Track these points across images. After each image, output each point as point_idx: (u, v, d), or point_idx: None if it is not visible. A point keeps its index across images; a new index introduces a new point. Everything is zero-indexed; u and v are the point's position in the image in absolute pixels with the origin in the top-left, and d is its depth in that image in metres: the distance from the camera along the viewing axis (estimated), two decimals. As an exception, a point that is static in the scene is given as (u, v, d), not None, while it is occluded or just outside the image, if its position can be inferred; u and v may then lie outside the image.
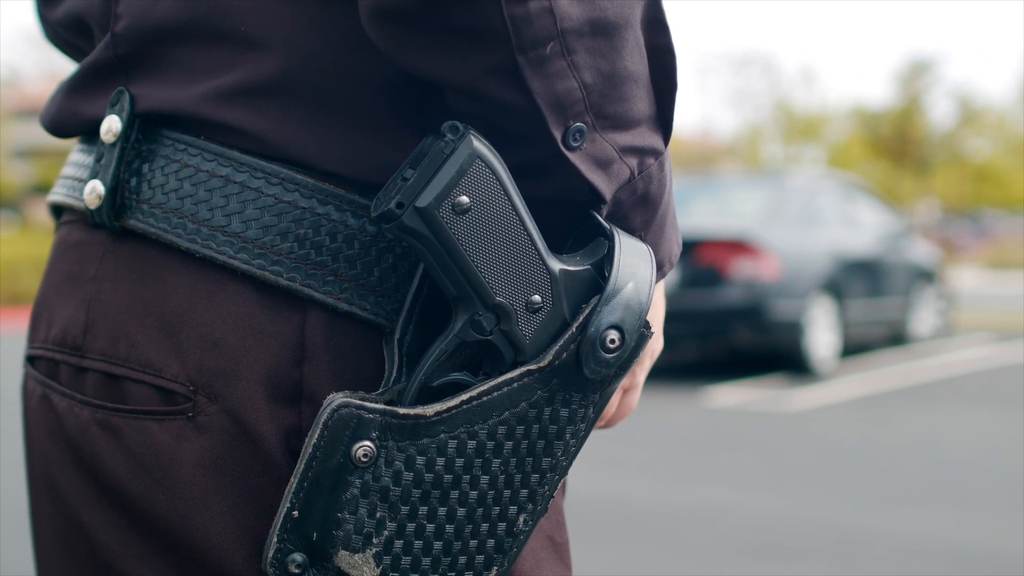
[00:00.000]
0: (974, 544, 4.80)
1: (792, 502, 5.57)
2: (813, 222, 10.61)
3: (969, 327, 14.72)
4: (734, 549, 4.72)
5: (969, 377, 10.34)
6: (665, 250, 0.88)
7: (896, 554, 4.68)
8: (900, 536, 4.94)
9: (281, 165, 0.79)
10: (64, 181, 0.91)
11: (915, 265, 12.45)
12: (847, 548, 4.75)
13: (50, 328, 0.88)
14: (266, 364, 0.78)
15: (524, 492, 0.79)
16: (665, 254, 0.88)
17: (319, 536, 0.76)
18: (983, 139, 45.39)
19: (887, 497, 5.68)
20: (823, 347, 10.17)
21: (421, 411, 0.76)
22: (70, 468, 0.84)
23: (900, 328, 12.38)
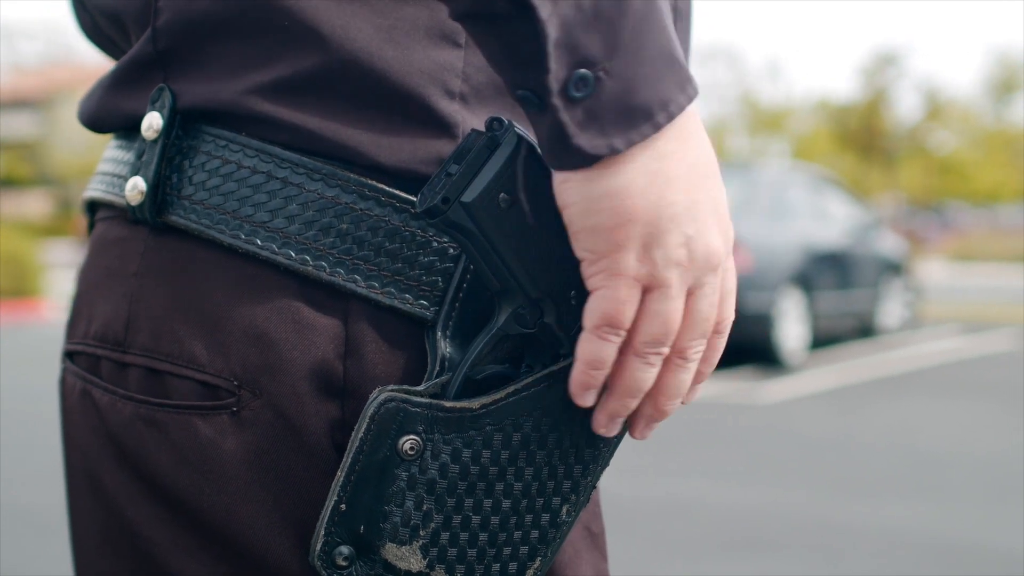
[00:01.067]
0: (951, 535, 4.84)
1: (768, 495, 5.58)
2: (783, 215, 10.66)
3: (936, 319, 14.83)
4: (711, 543, 4.73)
5: (938, 369, 10.42)
6: (649, 93, 0.69)
7: (874, 545, 4.70)
8: (877, 528, 4.96)
9: (323, 161, 0.79)
10: (103, 177, 0.91)
11: (883, 257, 12.55)
12: (824, 540, 4.77)
13: (90, 324, 0.88)
14: (310, 358, 0.78)
15: (567, 483, 0.80)
16: (653, 98, 0.69)
17: (366, 528, 0.76)
18: (948, 132, 45.75)
19: (863, 489, 5.71)
20: (793, 339, 10.23)
21: (467, 404, 0.76)
22: (113, 463, 0.84)
23: (868, 320, 12.48)
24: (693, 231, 0.71)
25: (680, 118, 0.70)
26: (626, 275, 0.71)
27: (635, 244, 0.70)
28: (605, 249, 0.71)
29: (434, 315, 0.79)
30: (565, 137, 0.68)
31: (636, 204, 0.69)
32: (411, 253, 0.79)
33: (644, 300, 0.72)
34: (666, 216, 0.70)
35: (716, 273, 0.73)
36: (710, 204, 0.72)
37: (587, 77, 0.67)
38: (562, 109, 0.68)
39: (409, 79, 0.79)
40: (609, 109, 0.68)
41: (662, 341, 0.74)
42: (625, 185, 0.69)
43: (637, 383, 0.75)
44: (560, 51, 0.67)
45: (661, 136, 0.70)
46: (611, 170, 0.69)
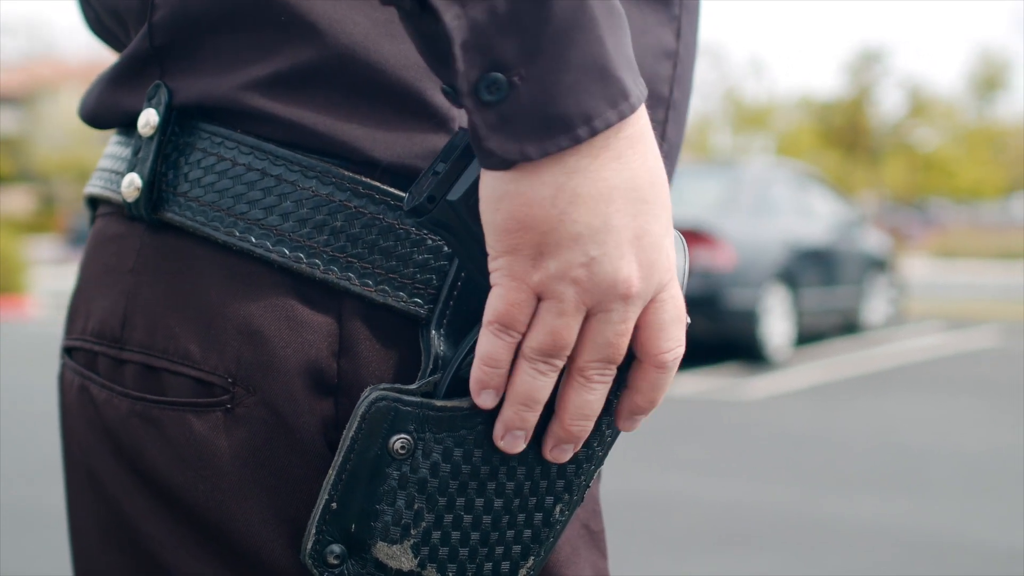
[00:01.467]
0: (934, 530, 4.86)
1: (752, 490, 5.60)
2: (767, 211, 10.69)
3: (920, 315, 14.88)
4: (695, 538, 4.74)
5: (922, 365, 10.46)
6: (570, 104, 0.66)
7: (857, 541, 4.72)
8: (860, 523, 4.99)
9: (318, 158, 0.79)
10: (101, 173, 0.91)
11: (867, 254, 12.59)
12: (808, 535, 4.79)
13: (88, 320, 0.88)
14: (304, 356, 0.79)
15: (560, 482, 0.80)
16: (574, 110, 0.66)
17: (357, 527, 0.76)
18: (931, 129, 45.86)
19: (846, 484, 5.73)
20: (778, 336, 10.26)
21: (458, 403, 0.76)
22: (110, 458, 0.85)
23: (853, 317, 12.52)
24: (598, 253, 0.68)
25: (611, 137, 0.68)
26: (519, 279, 0.70)
27: (528, 250, 0.69)
28: (501, 249, 0.70)
29: (428, 313, 0.79)
30: (477, 138, 0.67)
31: (534, 213, 0.68)
32: (405, 251, 0.79)
33: (539, 308, 0.71)
34: (566, 232, 0.68)
35: (627, 302, 0.71)
36: (631, 231, 0.69)
37: (499, 81, 0.66)
38: (473, 110, 0.67)
39: (405, 73, 0.79)
40: (524, 115, 0.66)
41: (550, 352, 0.72)
42: (525, 191, 0.68)
43: (528, 391, 0.74)
44: (470, 53, 0.66)
45: (578, 151, 0.67)
46: (519, 175, 0.68)
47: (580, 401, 0.75)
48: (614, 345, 0.72)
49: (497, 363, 0.73)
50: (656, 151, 0.71)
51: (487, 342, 0.73)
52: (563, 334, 0.71)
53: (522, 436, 0.76)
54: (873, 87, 41.92)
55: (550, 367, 0.73)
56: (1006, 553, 4.53)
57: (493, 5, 0.65)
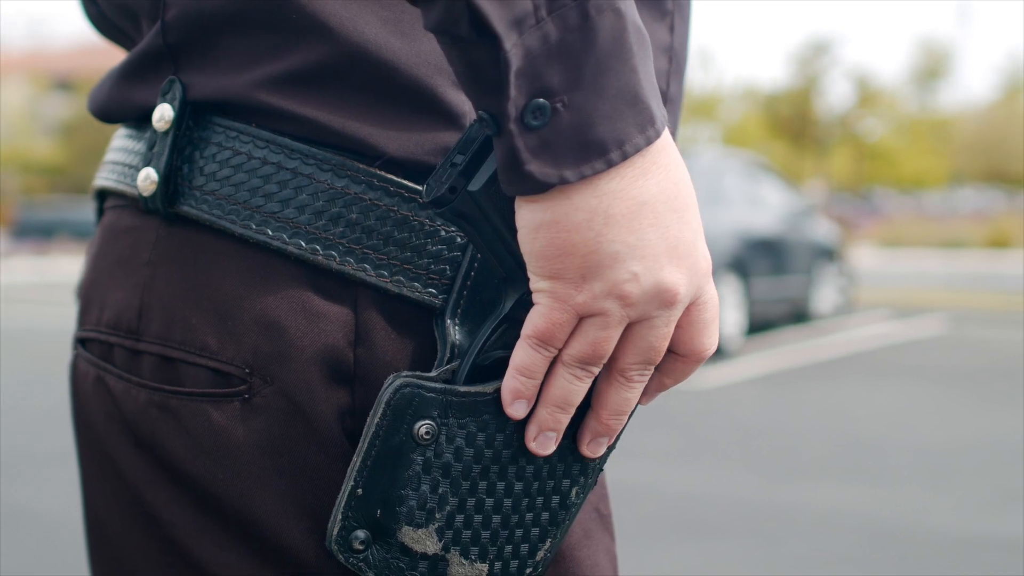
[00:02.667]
0: (892, 517, 4.92)
1: (710, 479, 5.64)
2: (718, 201, 10.76)
3: (869, 304, 15.04)
4: (652, 527, 4.77)
5: (872, 353, 10.58)
6: (606, 130, 0.69)
7: (816, 528, 4.77)
8: (817, 510, 5.04)
9: (333, 151, 0.80)
10: (113, 167, 0.92)
11: (817, 244, 12.71)
12: (764, 523, 4.83)
13: (103, 311, 0.89)
14: (320, 346, 0.80)
15: (577, 466, 0.82)
16: (609, 136, 0.69)
17: (383, 512, 0.78)
18: (875, 119, 46.33)
19: (803, 472, 5.79)
20: (729, 325, 10.33)
21: (481, 389, 0.78)
22: (130, 448, 0.86)
23: (803, 306, 12.63)
24: (640, 268, 0.71)
25: (637, 158, 0.71)
26: (564, 301, 0.73)
27: (573, 275, 0.72)
28: (544, 274, 0.72)
29: (443, 303, 0.80)
30: (518, 163, 0.69)
31: (571, 238, 0.70)
32: (419, 242, 0.80)
33: (581, 322, 0.74)
34: (605, 253, 0.71)
35: (671, 308, 0.74)
36: (664, 242, 0.72)
37: (544, 107, 0.68)
38: (517, 135, 0.69)
39: (417, 70, 0.80)
40: (563, 140, 0.69)
41: (590, 361, 0.75)
42: (561, 219, 0.70)
43: (564, 395, 0.77)
44: (521, 80, 0.68)
45: (608, 174, 0.70)
46: (552, 202, 0.70)
47: (619, 399, 0.78)
48: (656, 349, 0.75)
49: (532, 374, 0.76)
50: (678, 160, 0.74)
51: (524, 354, 0.75)
52: (604, 345, 0.74)
53: (554, 437, 0.79)
54: (821, 77, 42.30)
55: (586, 373, 0.76)
56: (965, 539, 4.59)
57: (546, 34, 0.68)
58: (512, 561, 0.81)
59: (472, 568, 0.80)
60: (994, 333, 11.90)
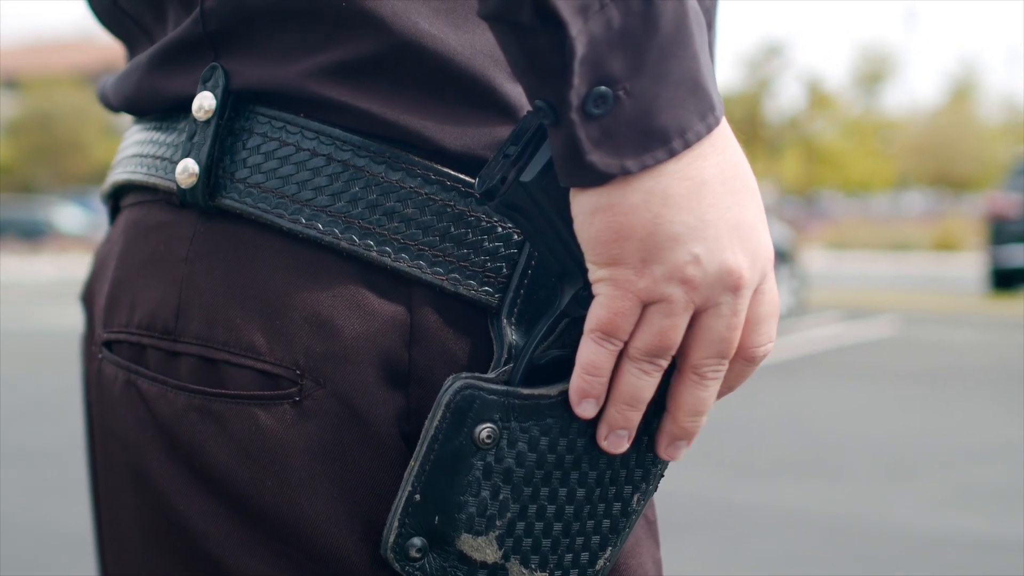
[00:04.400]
0: (852, 515, 4.96)
1: (671, 477, 5.61)
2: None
3: (820, 305, 15.15)
4: (622, 526, 4.76)
5: (826, 354, 10.65)
6: (668, 118, 0.67)
7: (777, 527, 4.80)
8: (780, 509, 5.07)
9: (387, 144, 0.77)
10: (141, 160, 0.87)
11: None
12: (729, 522, 4.86)
13: (132, 311, 0.84)
14: (376, 346, 0.77)
15: (639, 471, 0.79)
16: (671, 124, 0.67)
17: (441, 519, 0.75)
18: (823, 122, 46.70)
19: (761, 470, 5.82)
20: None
21: (545, 391, 0.75)
22: (162, 455, 0.81)
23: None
24: (701, 250, 0.69)
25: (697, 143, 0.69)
26: (625, 288, 0.70)
27: (631, 259, 0.69)
28: (603, 261, 0.70)
29: (499, 302, 0.78)
30: (579, 153, 0.67)
31: (629, 221, 0.68)
32: (476, 239, 0.77)
33: (645, 311, 0.71)
34: (664, 235, 0.68)
35: (737, 294, 0.71)
36: (727, 223, 0.70)
37: (607, 95, 0.66)
38: (579, 124, 0.67)
39: (473, 61, 0.77)
40: (626, 129, 0.67)
41: (657, 353, 0.72)
42: (617, 201, 0.68)
43: (633, 391, 0.74)
44: (584, 67, 0.66)
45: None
46: (608, 186, 0.68)
47: (694, 399, 0.75)
48: (727, 340, 0.72)
49: (599, 371, 0.73)
50: (736, 143, 0.72)
51: (589, 351, 0.73)
52: (671, 335, 0.71)
53: (625, 435, 0.76)
54: (772, 80, 42.58)
55: (655, 367, 0.73)
56: (926, 537, 4.63)
57: (609, 19, 0.66)
58: (572, 570, 0.79)
59: None
60: (945, 334, 12.01)
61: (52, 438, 6.40)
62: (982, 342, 11.35)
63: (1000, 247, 16.28)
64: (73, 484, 5.17)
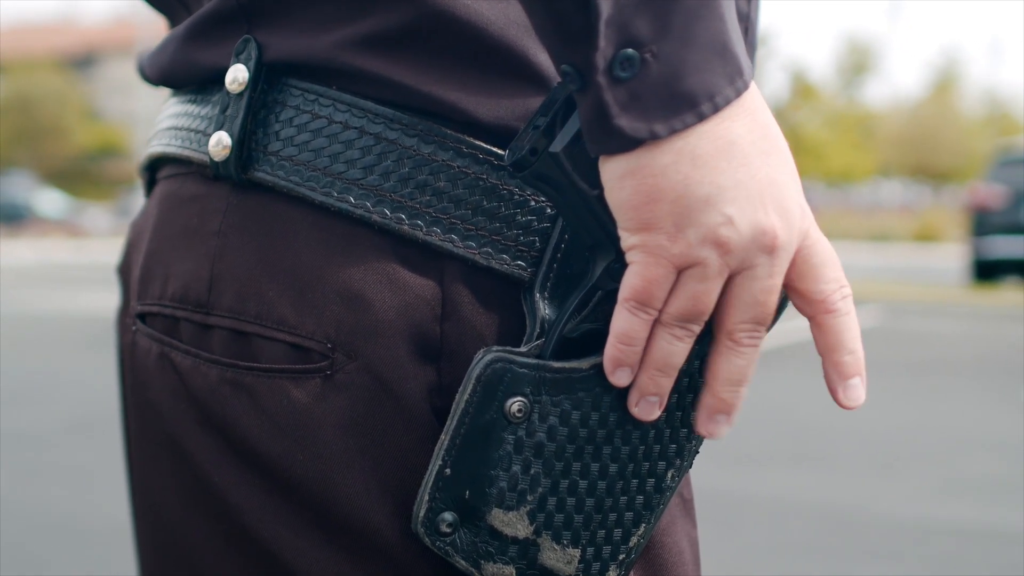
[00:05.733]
0: (841, 505, 4.97)
1: (660, 467, 5.64)
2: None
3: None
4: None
5: (810, 343, 10.60)
6: (696, 81, 0.66)
7: (767, 516, 4.80)
8: (769, 498, 5.07)
9: (419, 116, 0.77)
10: (176, 132, 0.87)
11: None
12: (718, 511, 4.85)
13: (166, 284, 0.84)
14: (408, 320, 0.76)
15: (673, 447, 0.79)
16: (699, 87, 0.66)
17: (472, 494, 0.74)
18: (806, 112, 46.88)
19: (752, 460, 5.82)
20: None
21: (576, 364, 0.74)
22: (196, 428, 0.81)
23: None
24: (733, 211, 0.67)
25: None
26: (658, 254, 0.69)
27: (663, 223, 0.68)
28: (635, 227, 0.69)
29: (531, 276, 0.77)
30: (606, 117, 0.66)
31: (658, 183, 0.67)
32: (509, 212, 0.77)
33: (679, 276, 0.70)
34: (696, 196, 0.67)
35: (773, 255, 0.69)
36: (758, 183, 0.68)
37: (633, 57, 0.65)
38: (606, 88, 0.66)
39: (506, 31, 0.76)
40: (653, 92, 0.66)
41: (689, 318, 0.71)
42: (646, 163, 0.67)
43: (665, 356, 0.73)
44: (610, 29, 0.65)
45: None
46: (636, 150, 0.67)
47: (731, 368, 0.73)
48: (762, 304, 0.71)
49: (633, 341, 0.72)
50: (765, 106, 0.71)
51: (623, 320, 0.71)
52: (704, 299, 0.70)
53: (656, 402, 0.75)
54: (757, 70, 42.71)
55: (687, 332, 0.72)
56: (915, 526, 4.65)
57: None
58: (604, 547, 0.78)
59: (564, 554, 0.77)
60: (928, 325, 12.06)
61: (33, 421, 6.36)
62: (966, 333, 11.40)
63: (982, 238, 16.36)
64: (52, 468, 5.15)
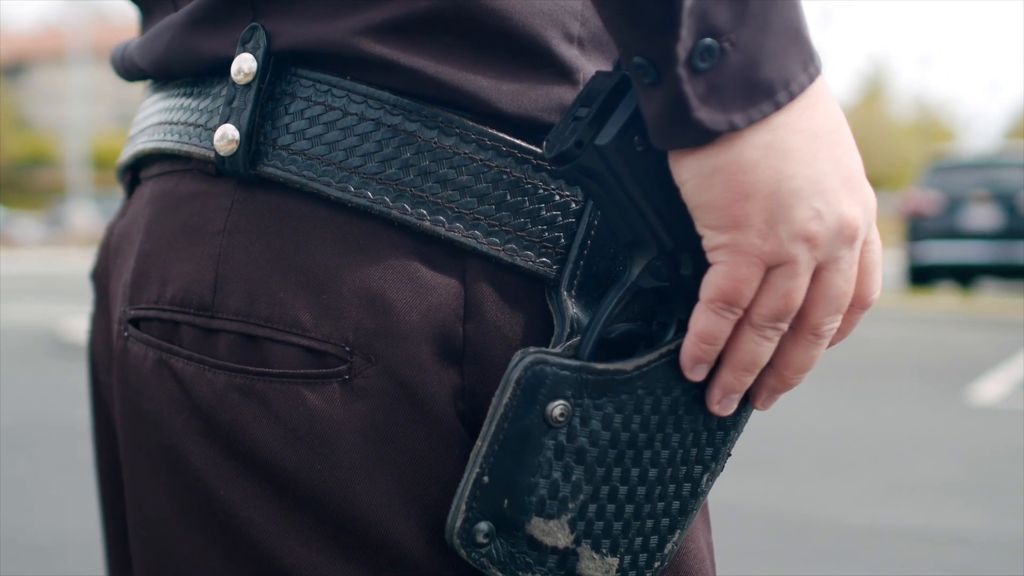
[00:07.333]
0: (790, 509, 4.99)
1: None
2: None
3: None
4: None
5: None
6: (773, 69, 0.65)
7: (717, 520, 4.76)
8: (718, 503, 5.03)
9: (439, 107, 0.73)
10: (171, 127, 0.82)
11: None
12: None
13: (164, 287, 0.79)
14: (430, 321, 0.72)
15: (710, 450, 0.76)
16: (776, 75, 0.65)
17: (511, 503, 0.71)
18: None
19: (699, 466, 5.82)
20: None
21: (621, 366, 0.71)
22: (199, 438, 0.76)
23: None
24: (822, 204, 0.66)
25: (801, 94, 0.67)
26: (748, 253, 0.67)
27: (756, 221, 0.66)
28: (724, 226, 0.67)
29: (557, 273, 0.74)
30: (685, 110, 0.64)
31: (750, 179, 0.65)
32: (533, 207, 0.73)
33: (768, 275, 0.68)
34: (786, 190, 0.66)
35: (852, 246, 0.68)
36: (838, 174, 0.68)
37: (712, 48, 0.63)
38: (685, 80, 0.63)
39: (531, 20, 0.73)
40: (731, 83, 0.64)
41: (781, 318, 0.69)
42: (736, 159, 0.65)
43: (752, 357, 0.71)
44: (692, 18, 0.63)
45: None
46: (725, 145, 0.65)
47: (805, 357, 0.73)
48: (845, 295, 0.70)
49: (716, 340, 0.70)
50: (832, 96, 0.69)
51: (707, 320, 0.69)
52: (795, 296, 0.69)
53: (737, 399, 0.74)
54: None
55: (777, 332, 0.70)
56: (863, 529, 4.67)
57: None
58: (641, 554, 0.75)
59: (603, 563, 0.73)
60: (867, 329, 12.15)
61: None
62: (903, 337, 11.52)
63: (917, 243, 16.54)
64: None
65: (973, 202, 15.90)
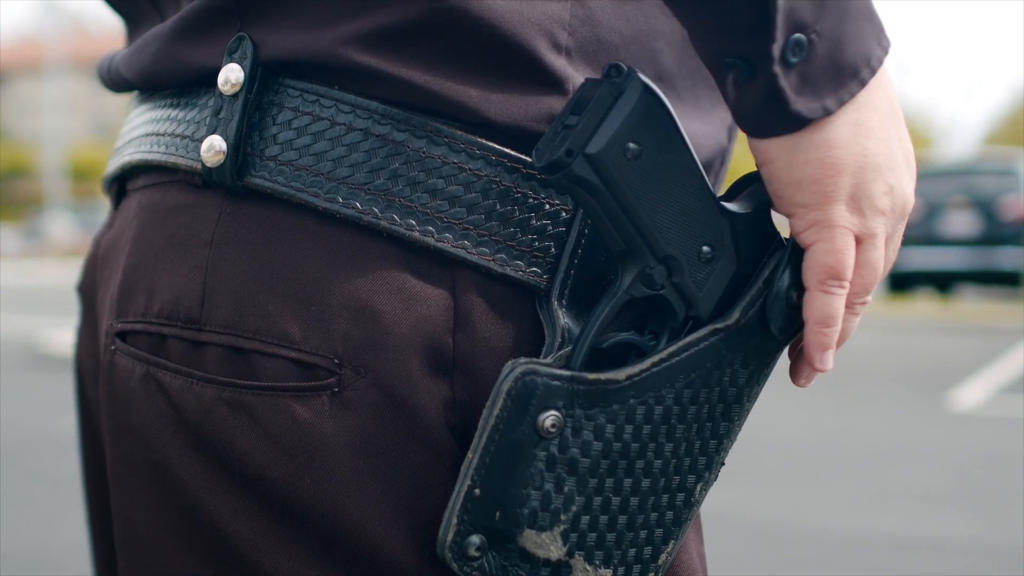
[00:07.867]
0: (768, 517, 4.99)
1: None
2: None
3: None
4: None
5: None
6: (855, 50, 0.68)
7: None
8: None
9: (428, 117, 0.73)
10: (157, 138, 0.81)
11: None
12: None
13: (151, 300, 0.78)
14: (420, 332, 0.72)
15: (703, 459, 0.76)
16: (858, 55, 0.68)
17: (502, 515, 0.70)
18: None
19: (680, 474, 5.82)
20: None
21: (612, 376, 0.71)
22: (187, 452, 0.75)
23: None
24: (894, 180, 0.71)
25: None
26: (840, 225, 0.71)
27: (844, 195, 0.70)
28: (814, 202, 0.70)
29: (547, 283, 0.73)
30: (783, 103, 0.67)
31: (841, 155, 0.69)
32: (523, 217, 0.73)
33: (856, 251, 0.72)
34: (870, 166, 0.70)
35: (904, 220, 0.74)
36: (902, 152, 0.72)
37: (802, 41, 0.66)
38: (781, 76, 0.66)
39: (519, 30, 0.73)
40: (821, 70, 0.67)
41: (868, 290, 0.74)
42: (830, 137, 0.69)
43: (846, 335, 0.76)
44: (783, 16, 0.65)
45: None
46: (814, 125, 0.68)
47: (848, 327, 0.76)
48: (891, 264, 0.75)
49: (835, 321, 0.73)
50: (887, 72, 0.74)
51: (821, 303, 0.72)
52: (879, 268, 0.74)
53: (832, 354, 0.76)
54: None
55: (863, 305, 0.75)
56: (843, 537, 4.67)
57: None
58: (635, 566, 0.74)
59: (596, 575, 0.73)
60: (845, 337, 12.18)
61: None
62: (883, 344, 11.54)
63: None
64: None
65: (951, 209, 15.96)
